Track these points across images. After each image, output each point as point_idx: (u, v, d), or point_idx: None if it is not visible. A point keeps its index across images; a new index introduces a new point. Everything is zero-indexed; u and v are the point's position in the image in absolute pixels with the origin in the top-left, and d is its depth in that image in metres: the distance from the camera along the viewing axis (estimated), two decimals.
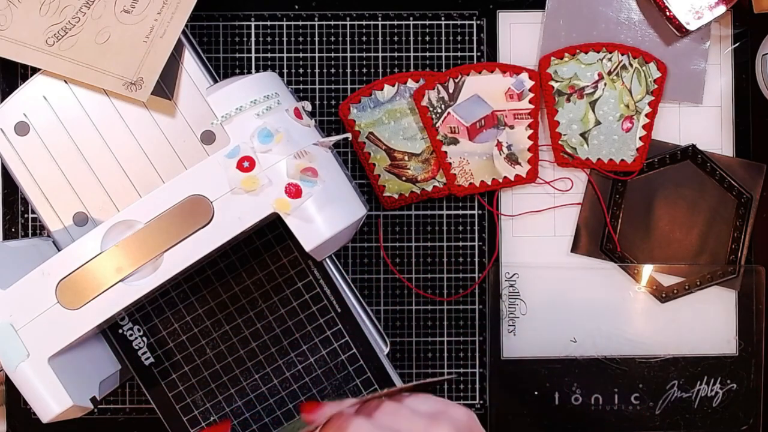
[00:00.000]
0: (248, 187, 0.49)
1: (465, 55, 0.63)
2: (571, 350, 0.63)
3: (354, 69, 0.63)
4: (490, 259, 0.63)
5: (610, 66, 0.63)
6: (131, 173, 0.55)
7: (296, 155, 0.50)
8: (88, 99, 0.54)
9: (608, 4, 0.63)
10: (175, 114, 0.54)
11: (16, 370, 0.51)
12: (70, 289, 0.50)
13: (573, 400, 0.63)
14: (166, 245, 0.50)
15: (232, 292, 0.58)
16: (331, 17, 0.63)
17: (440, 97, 0.62)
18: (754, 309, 0.64)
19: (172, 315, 0.57)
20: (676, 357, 0.63)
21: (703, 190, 0.64)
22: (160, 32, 0.54)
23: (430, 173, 0.63)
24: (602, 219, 0.63)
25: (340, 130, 0.63)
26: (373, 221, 0.63)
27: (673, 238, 0.64)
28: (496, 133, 0.62)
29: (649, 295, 0.64)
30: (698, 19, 0.62)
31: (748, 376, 0.63)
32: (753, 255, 0.64)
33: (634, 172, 0.63)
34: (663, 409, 0.63)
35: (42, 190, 0.55)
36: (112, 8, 0.54)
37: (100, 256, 0.51)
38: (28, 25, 0.54)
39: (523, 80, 0.62)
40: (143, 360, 0.57)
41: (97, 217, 0.55)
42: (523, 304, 0.63)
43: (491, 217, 0.63)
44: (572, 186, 0.64)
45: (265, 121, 0.51)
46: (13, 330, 0.50)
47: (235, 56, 0.63)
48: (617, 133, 0.63)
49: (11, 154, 0.55)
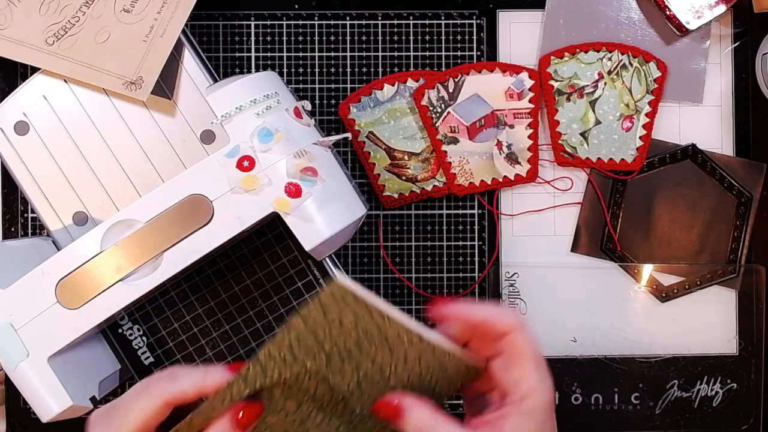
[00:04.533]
0: (248, 186, 0.49)
1: (465, 55, 0.63)
2: (571, 350, 0.63)
3: (354, 68, 0.63)
4: (490, 258, 0.63)
5: (610, 65, 0.63)
6: (131, 173, 0.54)
7: (296, 155, 0.50)
8: (87, 98, 0.54)
9: (608, 4, 0.63)
10: (175, 113, 0.54)
11: (15, 370, 0.51)
12: (69, 289, 0.50)
13: (573, 399, 0.63)
14: (166, 245, 0.50)
15: (232, 291, 0.58)
16: (331, 17, 0.63)
17: (440, 96, 0.62)
18: (754, 309, 0.64)
19: (171, 314, 0.57)
20: (676, 357, 0.63)
21: (703, 189, 0.64)
22: (159, 32, 0.54)
23: (430, 173, 0.63)
24: (602, 218, 0.63)
25: (340, 129, 0.63)
26: (373, 221, 0.63)
27: (673, 237, 0.64)
28: (496, 132, 0.62)
29: (649, 294, 0.64)
30: (698, 19, 0.62)
31: (748, 376, 0.63)
32: (753, 255, 0.64)
33: (634, 172, 0.63)
34: (663, 408, 0.63)
35: (42, 189, 0.55)
36: (112, 8, 0.54)
37: (100, 255, 0.51)
38: (28, 25, 0.54)
39: (523, 80, 0.62)
40: (143, 359, 0.57)
41: (96, 216, 0.55)
42: (523, 304, 0.63)
43: (491, 217, 0.63)
44: (572, 185, 0.64)
45: (265, 120, 0.51)
46: (12, 329, 0.50)
47: (235, 56, 0.63)
48: (617, 132, 0.63)
49: (11, 153, 0.55)
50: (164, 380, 0.42)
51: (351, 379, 0.41)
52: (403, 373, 0.42)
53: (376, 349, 0.41)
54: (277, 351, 0.40)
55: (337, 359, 0.41)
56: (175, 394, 0.41)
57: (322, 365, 0.41)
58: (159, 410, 0.41)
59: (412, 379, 0.42)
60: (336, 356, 0.41)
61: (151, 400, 0.41)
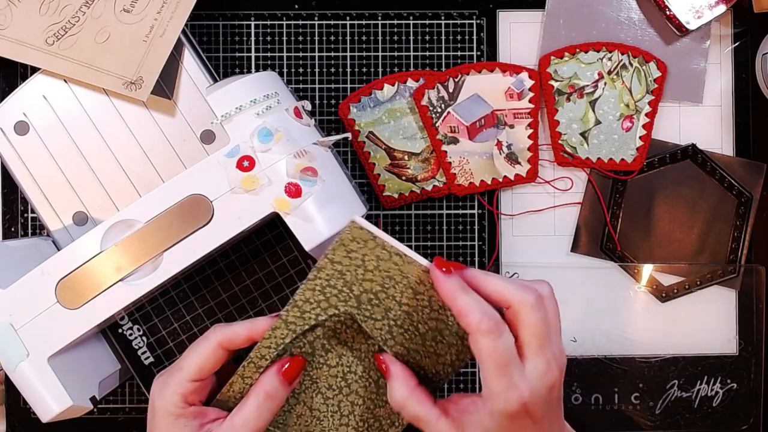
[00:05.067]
0: (248, 186, 0.49)
1: (465, 55, 0.63)
2: (571, 350, 0.63)
3: (354, 68, 0.63)
4: (490, 258, 0.63)
5: (610, 65, 0.63)
6: (131, 173, 0.54)
7: (296, 155, 0.50)
8: (87, 98, 0.54)
9: (608, 4, 0.63)
10: (175, 113, 0.54)
11: (15, 370, 0.51)
12: (69, 289, 0.50)
13: (573, 399, 0.63)
14: (166, 245, 0.50)
15: (232, 291, 0.58)
16: (331, 17, 0.63)
17: (440, 96, 0.62)
18: (754, 309, 0.64)
19: (171, 314, 0.57)
20: (676, 357, 0.63)
21: (703, 189, 0.64)
22: (159, 31, 0.54)
23: (430, 173, 0.63)
24: (602, 218, 0.63)
25: (340, 129, 0.63)
26: (373, 221, 0.63)
27: (673, 237, 0.64)
28: (496, 132, 0.62)
29: (649, 294, 0.64)
30: (698, 19, 0.62)
31: (748, 376, 0.63)
32: (753, 254, 0.64)
33: (634, 172, 0.63)
34: (663, 408, 0.63)
35: (42, 189, 0.55)
36: (112, 7, 0.54)
37: (100, 255, 0.51)
38: (28, 25, 0.54)
39: (523, 80, 0.62)
40: (143, 359, 0.57)
41: (96, 216, 0.55)
42: None
43: (491, 217, 0.63)
44: (572, 185, 0.64)
45: (265, 120, 0.51)
46: (12, 329, 0.50)
47: (235, 56, 0.63)
48: (617, 132, 0.63)
49: (11, 153, 0.55)
50: (218, 327, 0.45)
51: (383, 324, 0.44)
52: (430, 319, 0.43)
53: (401, 292, 0.43)
54: (311, 293, 0.43)
55: (366, 302, 0.43)
56: (228, 336, 0.45)
57: (353, 309, 0.44)
58: (214, 352, 0.45)
59: (441, 326, 0.43)
60: (365, 299, 0.43)
61: (208, 343, 0.45)
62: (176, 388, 0.44)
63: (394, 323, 0.44)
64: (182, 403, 0.44)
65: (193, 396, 0.45)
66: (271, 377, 0.44)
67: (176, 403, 0.44)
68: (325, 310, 0.43)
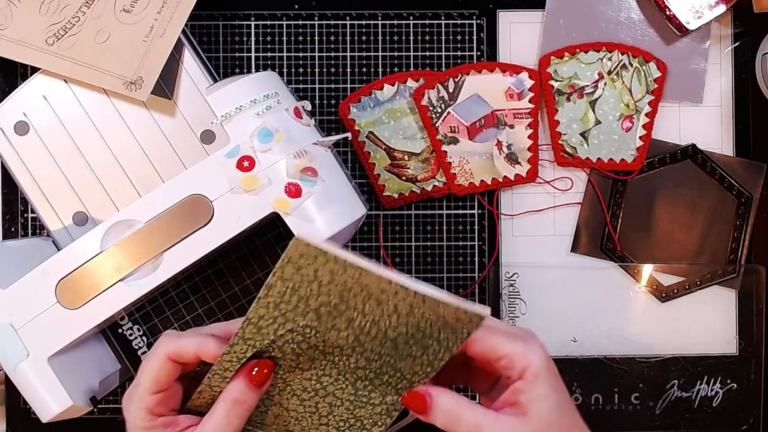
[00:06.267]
0: (248, 186, 0.49)
1: (465, 55, 0.63)
2: (571, 350, 0.63)
3: (354, 69, 0.63)
4: (490, 258, 0.63)
5: (610, 65, 0.63)
6: (131, 173, 0.54)
7: (296, 155, 0.50)
8: (87, 98, 0.54)
9: (608, 4, 0.63)
10: (175, 113, 0.54)
11: (15, 370, 0.51)
12: (70, 289, 0.50)
13: (573, 399, 0.63)
14: (166, 245, 0.50)
15: (232, 291, 0.58)
16: (331, 17, 0.63)
17: (440, 96, 0.62)
18: (754, 309, 0.64)
19: (171, 314, 0.57)
20: (676, 357, 0.63)
21: (703, 189, 0.64)
22: (159, 32, 0.54)
23: (430, 173, 0.63)
24: (602, 218, 0.63)
25: (340, 129, 0.63)
26: (373, 221, 0.63)
27: (673, 237, 0.64)
28: (496, 132, 0.62)
29: (649, 294, 0.64)
30: (698, 19, 0.62)
31: (748, 376, 0.63)
32: (753, 255, 0.64)
33: (634, 172, 0.63)
34: (663, 408, 0.63)
35: (42, 189, 0.55)
36: (112, 8, 0.54)
37: (100, 255, 0.51)
38: (28, 25, 0.54)
39: (523, 80, 0.62)
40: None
41: (96, 216, 0.55)
42: (523, 304, 0.63)
43: (491, 217, 0.63)
44: (572, 185, 0.64)
45: (265, 120, 0.51)
46: (12, 330, 0.50)
47: (235, 56, 0.63)
48: (617, 132, 0.63)
49: (11, 153, 0.55)
50: (168, 337, 0.44)
51: (347, 333, 0.42)
52: (399, 325, 0.42)
53: (363, 302, 0.41)
54: (264, 310, 0.41)
55: (326, 315, 0.42)
56: (176, 350, 0.43)
57: (314, 321, 0.42)
58: (164, 364, 0.44)
59: (412, 330, 0.42)
60: (324, 312, 0.42)
61: (155, 357, 0.44)
62: (139, 404, 0.44)
63: (360, 331, 0.42)
64: (149, 416, 0.44)
65: (159, 407, 0.44)
66: (239, 383, 0.43)
67: (143, 417, 0.44)
68: (282, 325, 0.42)
